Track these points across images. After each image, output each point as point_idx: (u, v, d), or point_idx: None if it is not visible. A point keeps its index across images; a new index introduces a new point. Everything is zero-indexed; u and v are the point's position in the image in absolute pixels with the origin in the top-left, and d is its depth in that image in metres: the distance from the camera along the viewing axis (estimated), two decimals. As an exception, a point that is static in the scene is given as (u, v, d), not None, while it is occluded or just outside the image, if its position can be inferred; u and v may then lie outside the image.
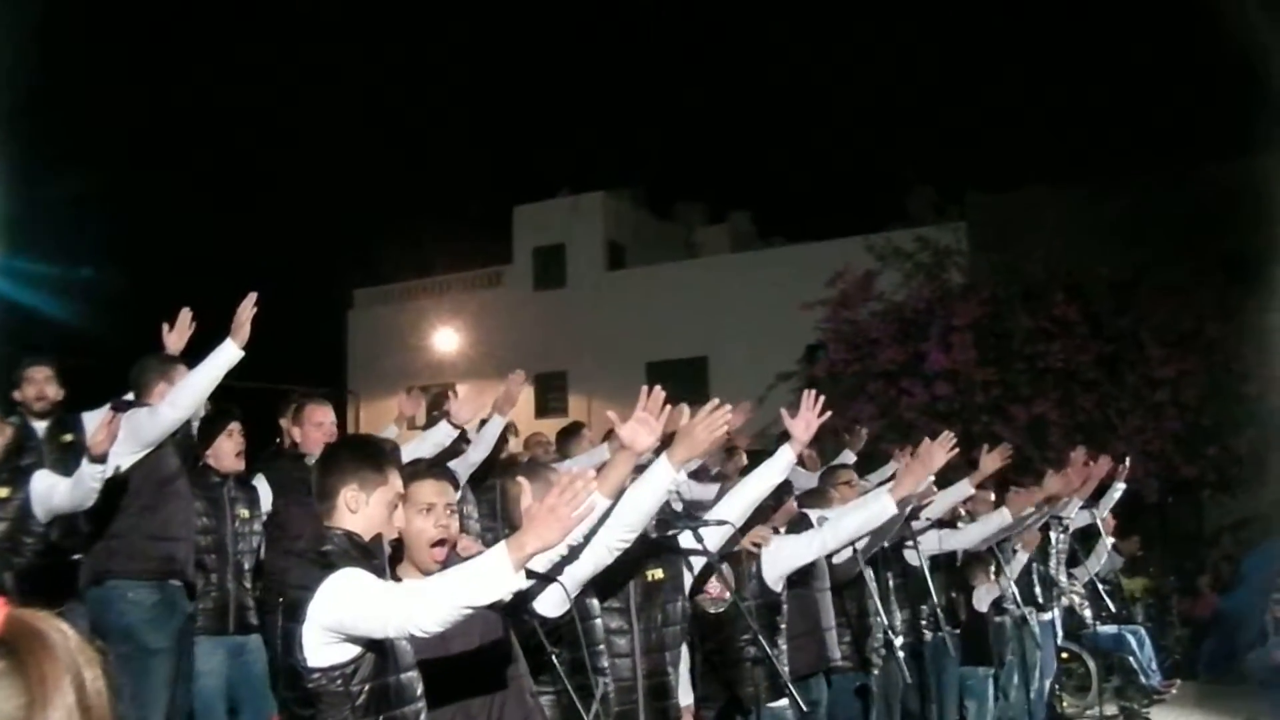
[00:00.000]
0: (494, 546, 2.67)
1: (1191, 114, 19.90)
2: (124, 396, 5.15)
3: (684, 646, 4.25)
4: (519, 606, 3.27)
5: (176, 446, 5.08)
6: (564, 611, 3.42)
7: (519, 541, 2.61)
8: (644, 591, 3.95)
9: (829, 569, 5.59)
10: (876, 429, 13.16)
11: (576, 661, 3.42)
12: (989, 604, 7.35)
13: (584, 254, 25.24)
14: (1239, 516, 14.76)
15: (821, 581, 5.47)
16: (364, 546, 2.94)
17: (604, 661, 3.66)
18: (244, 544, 5.38)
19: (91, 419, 5.12)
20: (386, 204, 38.10)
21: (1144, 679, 9.86)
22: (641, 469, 3.63)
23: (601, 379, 23.05)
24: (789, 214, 28.75)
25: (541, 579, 3.25)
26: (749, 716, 4.66)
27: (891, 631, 5.84)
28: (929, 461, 5.19)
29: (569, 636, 3.44)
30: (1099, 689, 9.48)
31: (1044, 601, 8.30)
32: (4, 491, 4.82)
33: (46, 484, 4.74)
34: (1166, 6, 20.05)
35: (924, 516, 6.62)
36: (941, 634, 6.63)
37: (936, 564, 6.96)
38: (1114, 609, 9.37)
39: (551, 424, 12.46)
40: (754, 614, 4.52)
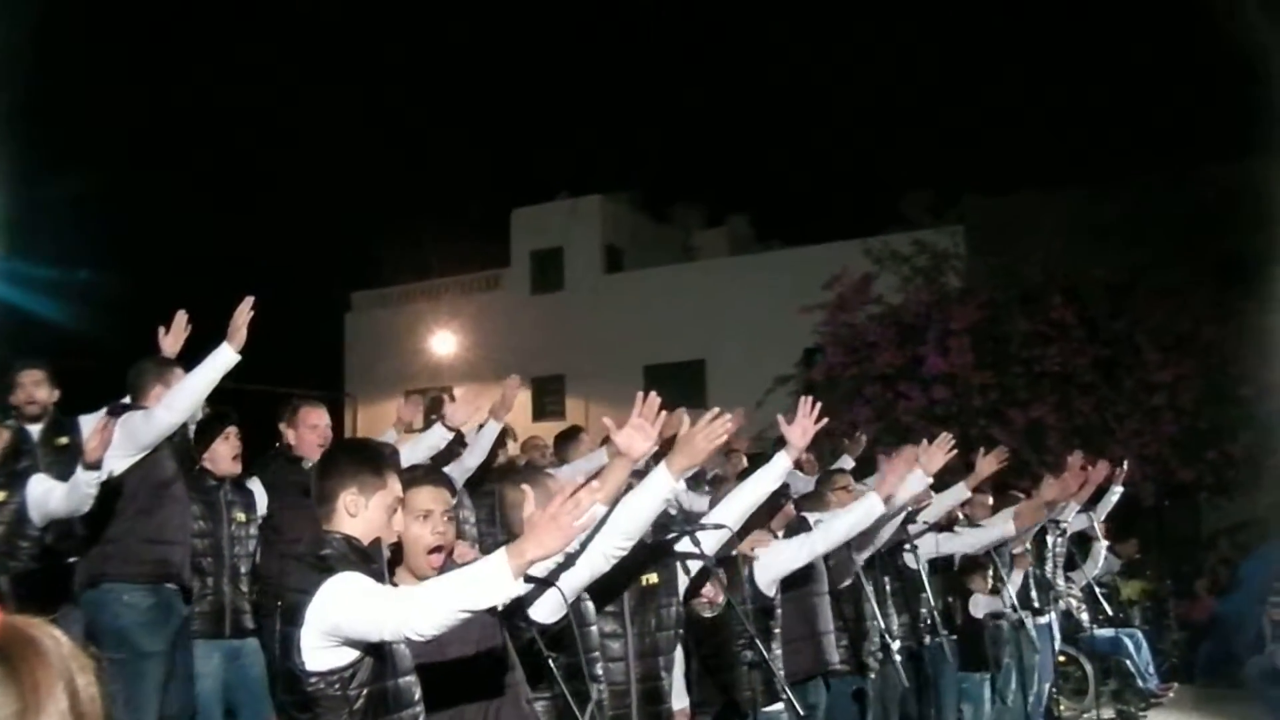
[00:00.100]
0: (494, 552, 2.67)
1: (1189, 116, 19.90)
2: (121, 400, 5.15)
3: (679, 651, 4.25)
4: (515, 613, 3.27)
5: (173, 450, 5.08)
6: (560, 617, 3.42)
7: (519, 548, 2.61)
8: (638, 596, 3.95)
9: (827, 573, 5.59)
10: (874, 432, 13.16)
11: (573, 667, 3.41)
12: (985, 612, 7.35)
13: (582, 257, 25.21)
14: (1236, 520, 14.75)
15: (819, 585, 5.47)
16: (363, 550, 2.94)
17: (599, 668, 3.66)
18: (240, 547, 5.37)
19: (88, 422, 5.12)
20: (384, 207, 38.06)
21: (1141, 682, 9.86)
22: (638, 474, 3.63)
23: (599, 382, 23.03)
24: (787, 217, 28.79)
25: (539, 584, 3.25)
26: (745, 720, 4.66)
27: (889, 635, 5.84)
28: (911, 459, 5.19)
29: (566, 642, 3.44)
30: (1096, 692, 9.48)
31: (1041, 605, 8.29)
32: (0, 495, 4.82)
33: (42, 488, 4.73)
34: (1164, 8, 20.06)
35: (921, 520, 6.63)
36: (939, 638, 6.64)
37: (934, 568, 6.97)
38: (1111, 612, 9.36)
39: (549, 427, 12.44)
40: (750, 618, 4.52)
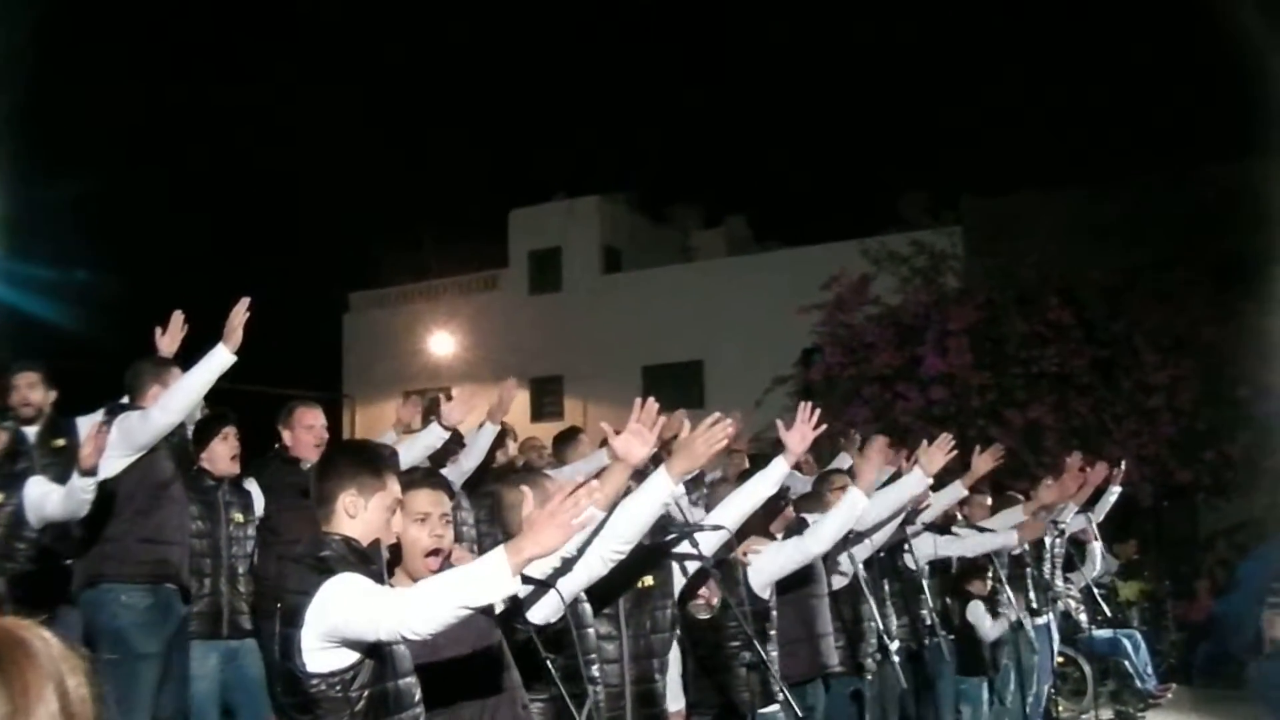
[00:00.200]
0: (492, 550, 2.67)
1: (1188, 117, 19.92)
2: (119, 400, 5.14)
3: (675, 652, 4.24)
4: (513, 614, 3.27)
5: (171, 450, 5.07)
6: (557, 618, 3.41)
7: (517, 546, 2.62)
8: (634, 598, 3.94)
9: (826, 575, 5.58)
10: (872, 433, 13.14)
11: (570, 668, 3.41)
12: (982, 617, 7.35)
13: (579, 258, 25.21)
14: (1234, 521, 14.76)
15: (818, 588, 5.46)
16: (362, 552, 2.94)
17: (596, 670, 3.65)
18: (238, 548, 5.36)
19: (85, 423, 5.10)
20: (382, 207, 38.11)
21: (1139, 683, 9.86)
22: (638, 475, 3.63)
23: (597, 383, 23.02)
24: (785, 218, 28.74)
25: (537, 586, 3.24)
26: (743, 722, 4.65)
27: (887, 636, 5.83)
28: (882, 448, 5.18)
29: (564, 643, 3.43)
30: (1094, 693, 9.48)
31: (1039, 606, 8.30)
32: None
33: (40, 491, 4.72)
34: (1164, 8, 20.08)
35: (919, 521, 6.62)
36: (938, 639, 6.64)
37: (932, 569, 6.96)
38: (1109, 613, 9.37)
39: (547, 428, 12.45)
40: (748, 619, 4.51)
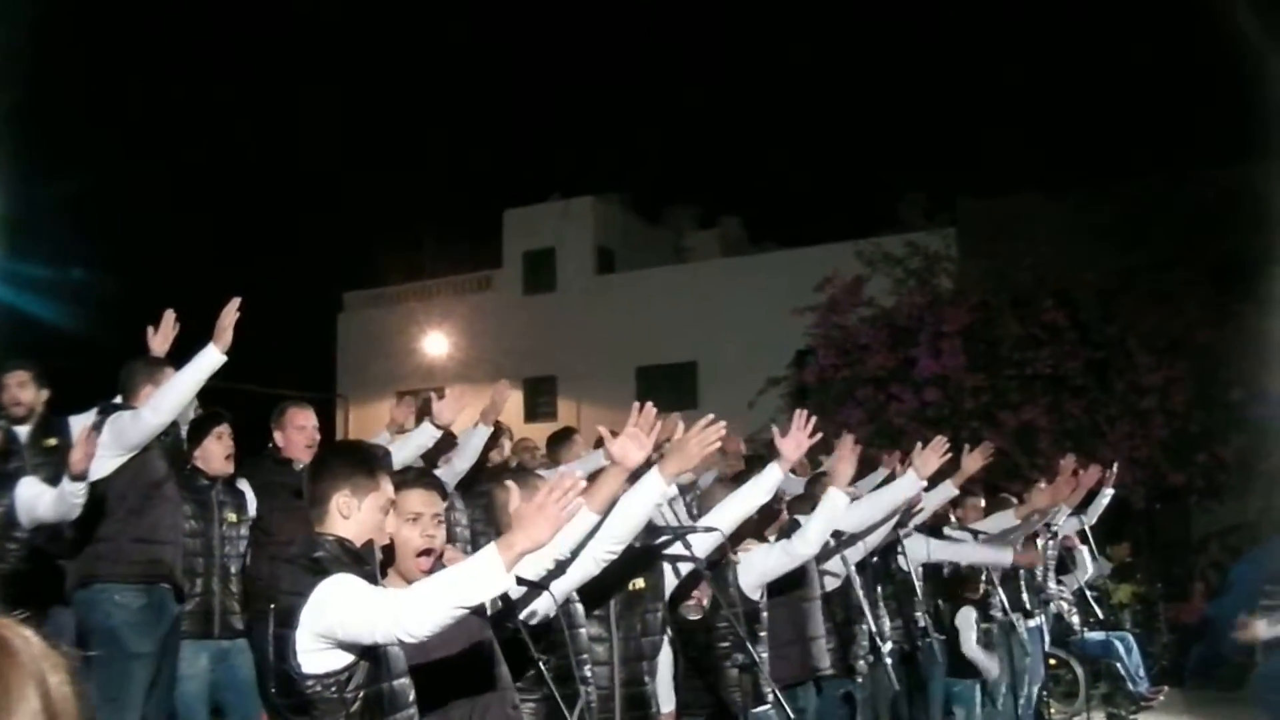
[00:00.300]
0: (484, 548, 2.67)
1: (1186, 118, 19.89)
2: (112, 399, 5.13)
3: (666, 654, 4.24)
4: (505, 615, 3.26)
5: (164, 450, 5.06)
6: (549, 619, 3.41)
7: (508, 541, 2.63)
8: (625, 601, 3.93)
9: (818, 577, 5.58)
10: (866, 435, 13.16)
11: (562, 669, 3.41)
12: (969, 627, 7.36)
13: (574, 258, 25.20)
14: (1227, 524, 14.78)
15: (810, 590, 5.46)
16: (356, 552, 2.94)
17: (588, 670, 3.65)
18: (231, 548, 5.35)
19: (79, 422, 5.10)
20: (377, 207, 38.06)
21: (1131, 685, 9.87)
22: (631, 475, 3.62)
23: (591, 383, 23.03)
24: (779, 219, 28.73)
25: (532, 588, 3.24)
26: (734, 723, 4.65)
27: (880, 638, 5.83)
28: (849, 444, 5.18)
29: (555, 643, 3.43)
30: (1086, 696, 9.49)
31: (1032, 608, 8.32)
32: None
33: (32, 492, 4.70)
34: (1164, 9, 20.09)
35: (911, 523, 6.63)
36: (930, 640, 6.64)
37: (926, 571, 6.97)
38: (1102, 615, 9.39)
39: (541, 428, 12.42)
40: (739, 620, 4.52)
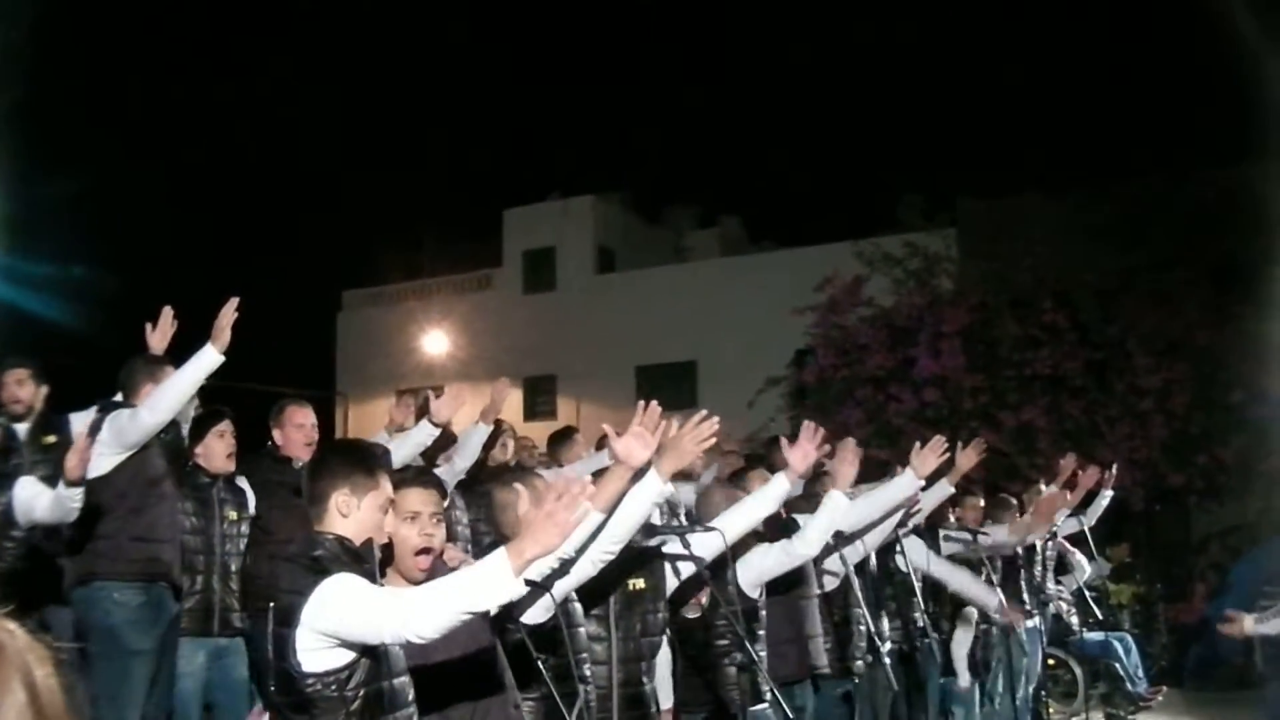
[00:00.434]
0: (492, 553, 2.67)
1: (1186, 119, 19.88)
2: (113, 397, 5.13)
3: (666, 651, 4.24)
4: (506, 616, 3.26)
5: (164, 448, 5.06)
6: (548, 618, 3.41)
7: (518, 548, 2.62)
8: (624, 601, 3.93)
9: (816, 576, 5.59)
10: (865, 435, 13.16)
11: (561, 667, 3.41)
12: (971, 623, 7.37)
13: (574, 257, 25.21)
14: (1226, 525, 14.78)
15: (808, 589, 5.47)
16: (355, 551, 2.94)
17: (588, 669, 3.65)
18: (231, 545, 5.35)
19: (79, 419, 5.10)
20: (377, 206, 38.05)
21: (1130, 686, 9.88)
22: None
23: (591, 382, 23.04)
24: (779, 219, 28.75)
25: (533, 588, 3.24)
26: (733, 721, 4.66)
27: (879, 638, 5.83)
28: (851, 447, 5.18)
29: (555, 642, 3.44)
30: (1085, 696, 9.50)
31: (1031, 608, 8.31)
32: None
33: (29, 493, 4.69)
34: (1164, 9, 20.09)
35: (910, 523, 6.63)
36: (928, 640, 6.64)
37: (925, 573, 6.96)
38: (1101, 616, 9.39)
39: (540, 427, 12.43)
40: (738, 618, 4.52)
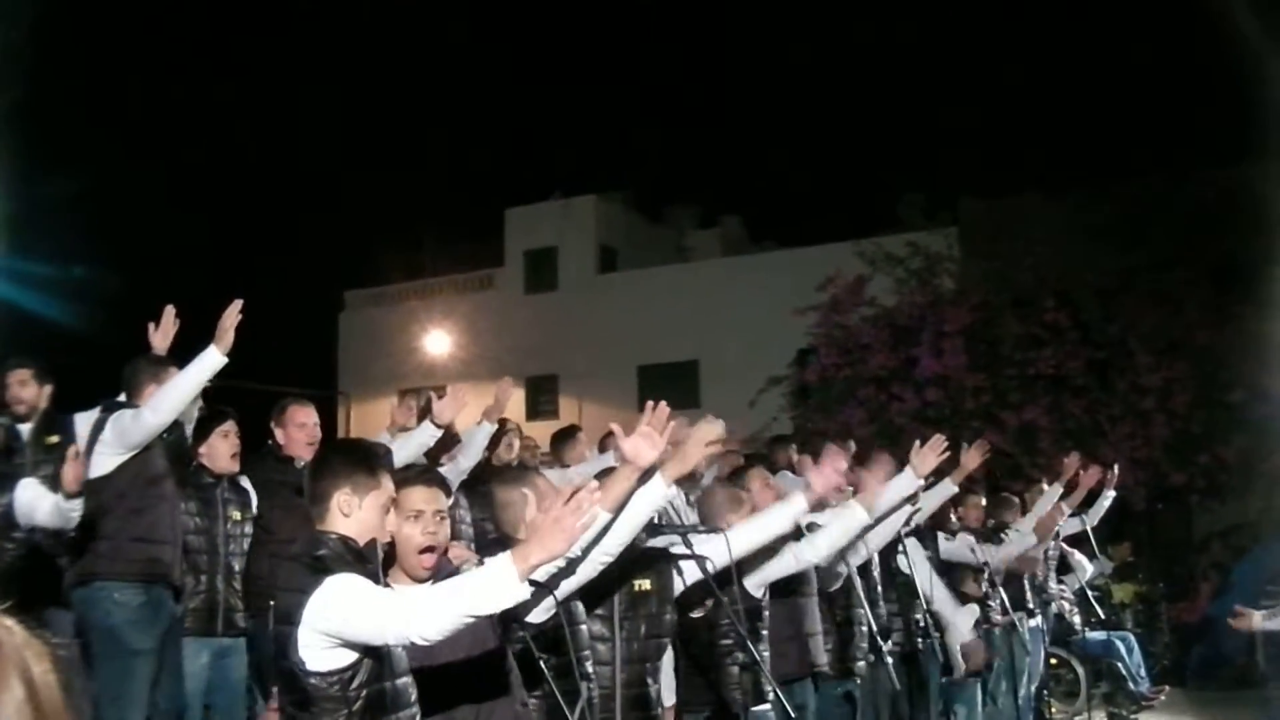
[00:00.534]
0: (498, 556, 2.67)
1: (1186, 119, 19.89)
2: (116, 397, 5.14)
3: (669, 654, 4.24)
4: (510, 617, 3.27)
5: (166, 448, 5.06)
6: (549, 617, 3.42)
7: (524, 552, 2.61)
8: (629, 601, 3.93)
9: (816, 575, 5.59)
10: (867, 434, 13.16)
11: (563, 666, 3.41)
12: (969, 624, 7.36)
13: (575, 257, 25.21)
14: (1228, 524, 14.78)
15: (808, 587, 5.47)
16: (358, 551, 2.94)
17: (590, 667, 3.65)
18: (235, 545, 5.35)
19: (83, 419, 5.10)
20: (378, 206, 38.03)
21: (1132, 685, 9.88)
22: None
23: (593, 382, 23.05)
24: (781, 218, 28.72)
25: (537, 590, 3.24)
26: (736, 720, 4.66)
27: (880, 637, 5.83)
28: (887, 464, 5.18)
29: (557, 640, 3.44)
30: (1087, 695, 9.50)
31: (1033, 607, 8.32)
32: None
33: (31, 495, 4.70)
34: (1164, 9, 20.08)
35: (912, 522, 6.63)
36: (930, 640, 6.65)
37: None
38: (1103, 615, 9.38)
39: (542, 426, 12.45)
40: (741, 618, 4.52)
